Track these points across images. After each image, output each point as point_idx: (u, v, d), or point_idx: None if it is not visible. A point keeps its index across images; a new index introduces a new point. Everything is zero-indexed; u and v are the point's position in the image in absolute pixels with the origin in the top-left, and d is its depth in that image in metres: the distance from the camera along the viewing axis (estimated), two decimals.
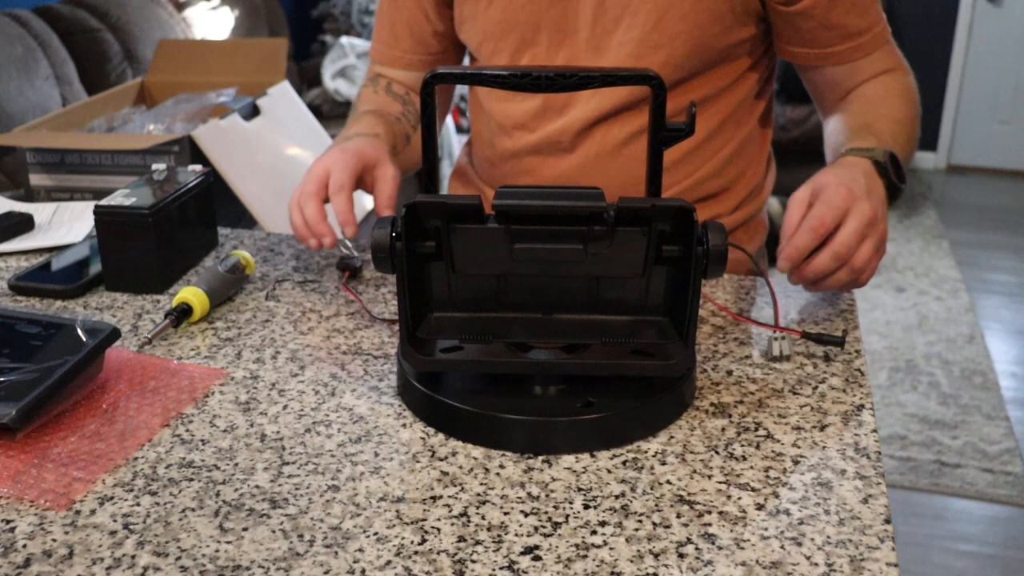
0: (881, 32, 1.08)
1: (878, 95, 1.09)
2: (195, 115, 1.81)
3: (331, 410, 0.76)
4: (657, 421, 0.73)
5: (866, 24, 1.06)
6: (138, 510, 0.64)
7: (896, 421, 2.61)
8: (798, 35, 1.07)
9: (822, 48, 1.07)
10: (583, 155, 1.11)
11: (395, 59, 1.22)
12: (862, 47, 1.07)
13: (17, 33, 2.55)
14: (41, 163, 1.53)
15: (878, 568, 0.59)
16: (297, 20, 4.22)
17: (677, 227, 0.74)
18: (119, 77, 2.82)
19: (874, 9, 1.07)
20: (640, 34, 1.04)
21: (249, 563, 0.59)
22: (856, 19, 1.05)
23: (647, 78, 0.73)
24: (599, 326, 0.78)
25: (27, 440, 0.71)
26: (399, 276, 0.73)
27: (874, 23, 1.07)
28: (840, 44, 1.07)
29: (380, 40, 1.23)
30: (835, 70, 1.10)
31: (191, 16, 3.36)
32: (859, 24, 1.06)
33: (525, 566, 0.59)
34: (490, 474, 0.68)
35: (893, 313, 3.28)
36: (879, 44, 1.08)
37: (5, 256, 1.06)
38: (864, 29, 1.06)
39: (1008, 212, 4.36)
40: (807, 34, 1.06)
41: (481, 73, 0.78)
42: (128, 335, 0.88)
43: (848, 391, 0.79)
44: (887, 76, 1.10)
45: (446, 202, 0.74)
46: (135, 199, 0.97)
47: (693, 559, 0.59)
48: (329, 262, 1.04)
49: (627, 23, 1.04)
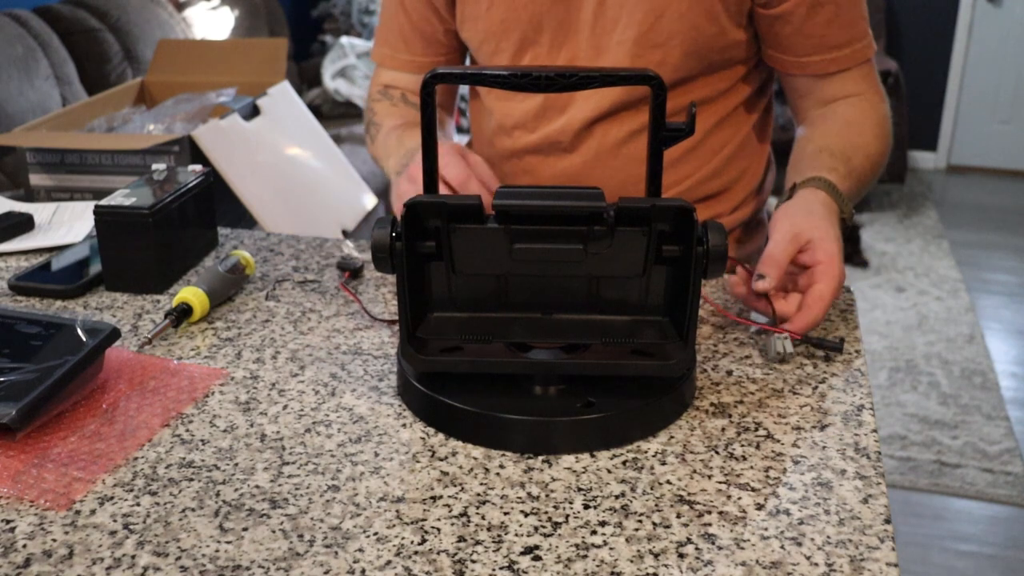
0: (862, 50, 1.06)
1: (858, 123, 1.07)
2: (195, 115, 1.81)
3: (331, 410, 0.76)
4: (657, 421, 0.73)
5: (846, 39, 1.05)
6: (138, 510, 0.64)
7: (896, 421, 2.61)
8: (776, 40, 1.06)
9: (797, 56, 1.06)
10: (583, 154, 1.12)
11: (405, 63, 1.21)
12: (838, 61, 1.06)
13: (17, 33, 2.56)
14: (41, 163, 1.53)
15: (878, 568, 0.59)
16: (297, 20, 4.22)
17: (677, 227, 0.74)
18: (119, 77, 2.82)
19: (859, 26, 1.05)
20: (637, 34, 1.04)
21: (249, 563, 0.59)
22: (836, 32, 1.04)
23: (647, 78, 0.73)
24: (599, 326, 0.78)
25: (27, 440, 0.71)
26: (399, 276, 0.73)
27: (856, 39, 1.05)
28: (816, 55, 1.05)
29: (388, 45, 1.22)
30: (809, 81, 1.09)
31: (191, 16, 3.36)
32: (838, 37, 1.05)
33: (525, 566, 0.59)
34: (490, 474, 0.68)
35: (893, 313, 3.28)
36: (857, 61, 1.07)
37: (5, 256, 1.06)
38: (843, 43, 1.05)
39: (1008, 212, 4.36)
40: (784, 40, 1.05)
41: (481, 73, 0.78)
42: (128, 335, 0.88)
43: (848, 391, 0.79)
44: (863, 102, 1.08)
45: (446, 202, 0.74)
46: (135, 199, 0.97)
47: (693, 559, 0.59)
48: (329, 262, 1.05)
49: (624, 23, 1.04)
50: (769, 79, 1.17)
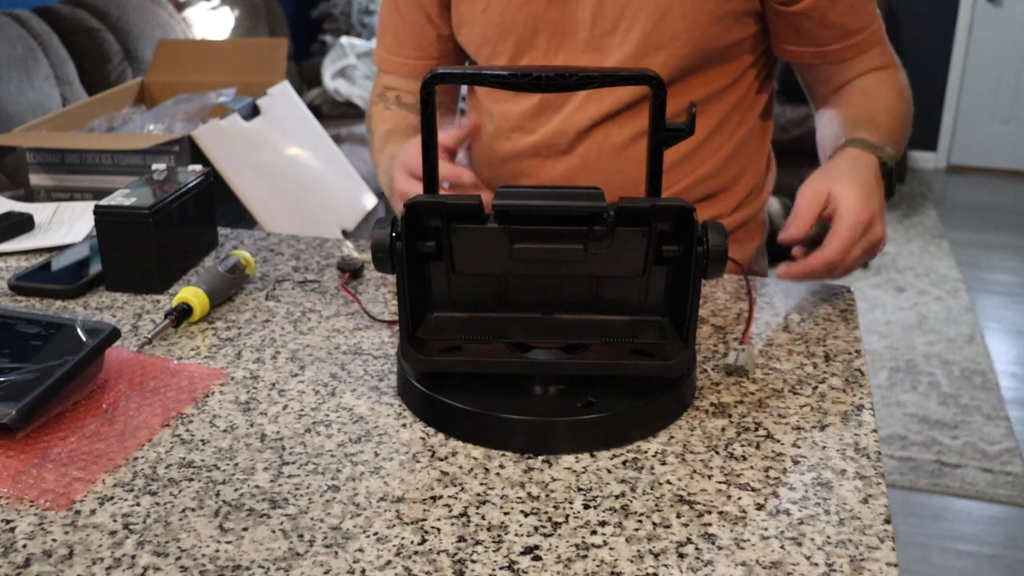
0: (876, 31, 1.09)
1: (875, 89, 1.10)
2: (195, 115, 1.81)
3: (331, 410, 0.76)
4: (657, 421, 0.73)
5: (862, 23, 1.07)
6: (138, 510, 0.64)
7: (896, 421, 2.61)
8: (796, 35, 1.07)
9: (819, 47, 1.08)
10: (582, 157, 1.11)
11: (398, 66, 1.22)
12: (857, 46, 1.08)
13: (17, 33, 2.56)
14: (41, 163, 1.53)
15: (878, 568, 0.59)
16: (297, 20, 4.23)
17: (677, 227, 0.74)
18: (119, 77, 2.82)
19: (869, 8, 1.08)
20: (641, 35, 1.04)
21: (249, 563, 0.59)
22: (853, 18, 1.06)
23: (647, 78, 0.73)
24: (599, 326, 0.78)
25: (27, 440, 0.71)
26: (399, 276, 0.73)
27: (870, 21, 1.08)
28: (837, 43, 1.07)
29: (384, 47, 1.23)
30: (829, 68, 1.11)
31: (191, 16, 3.36)
32: (856, 23, 1.07)
33: (525, 566, 0.59)
34: (490, 474, 0.68)
35: (893, 313, 3.28)
36: (874, 43, 1.09)
37: (5, 256, 1.06)
38: (860, 28, 1.07)
39: (1008, 212, 4.36)
40: (806, 34, 1.07)
41: (481, 73, 0.78)
42: (128, 335, 0.88)
43: (848, 391, 0.79)
44: (881, 72, 1.11)
45: (446, 202, 0.74)
46: (135, 199, 0.97)
47: (693, 559, 0.59)
48: (329, 262, 1.04)
49: (627, 24, 1.04)
50: (769, 78, 1.17)
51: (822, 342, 0.87)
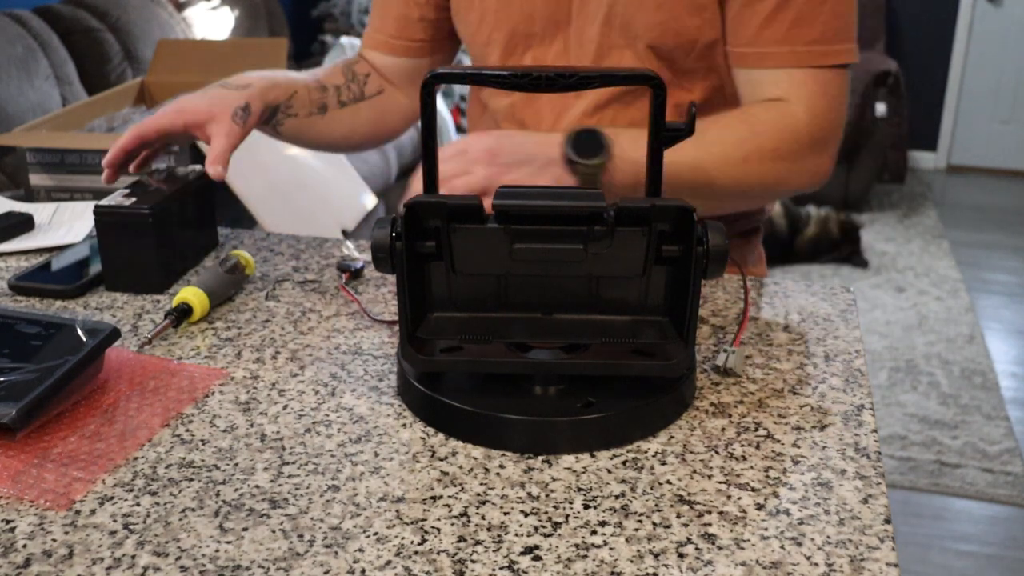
0: (807, 55, 0.99)
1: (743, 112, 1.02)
2: None
3: (331, 410, 0.76)
4: (657, 421, 0.73)
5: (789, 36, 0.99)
6: (138, 510, 0.64)
7: (896, 421, 2.61)
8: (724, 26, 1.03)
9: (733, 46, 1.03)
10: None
11: (379, 43, 1.24)
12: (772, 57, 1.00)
13: (17, 33, 2.56)
14: (41, 163, 1.53)
15: (878, 568, 0.59)
16: (297, 20, 4.23)
17: (677, 227, 0.74)
18: (119, 77, 2.82)
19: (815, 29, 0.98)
20: (620, 22, 1.04)
21: (249, 563, 0.59)
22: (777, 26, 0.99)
23: (647, 78, 0.73)
24: (599, 326, 0.78)
25: (27, 440, 0.71)
26: (399, 276, 0.73)
27: (804, 41, 0.99)
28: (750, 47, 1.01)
29: (370, 25, 1.26)
30: (742, 74, 1.04)
31: (191, 16, 3.36)
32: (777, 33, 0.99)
33: (525, 566, 0.59)
34: (490, 474, 0.68)
35: (893, 313, 3.28)
36: (798, 64, 1.00)
37: (5, 256, 1.06)
38: (782, 40, 0.99)
39: (1008, 212, 4.36)
40: (726, 24, 1.03)
41: (481, 73, 0.78)
42: (128, 335, 0.88)
43: (848, 391, 0.79)
44: (781, 104, 1.01)
45: (446, 202, 0.74)
46: (135, 199, 0.97)
47: (693, 559, 0.59)
48: (329, 262, 1.05)
49: (604, 13, 1.05)
50: None
51: (822, 342, 0.87)
